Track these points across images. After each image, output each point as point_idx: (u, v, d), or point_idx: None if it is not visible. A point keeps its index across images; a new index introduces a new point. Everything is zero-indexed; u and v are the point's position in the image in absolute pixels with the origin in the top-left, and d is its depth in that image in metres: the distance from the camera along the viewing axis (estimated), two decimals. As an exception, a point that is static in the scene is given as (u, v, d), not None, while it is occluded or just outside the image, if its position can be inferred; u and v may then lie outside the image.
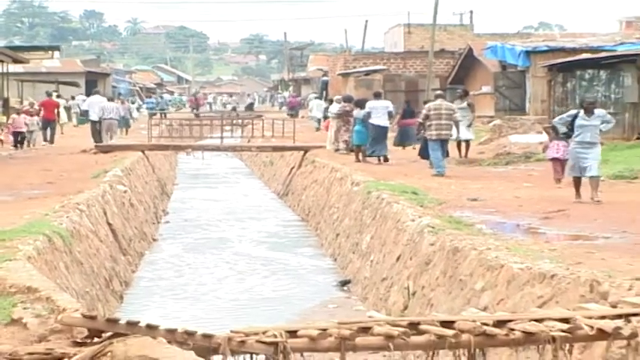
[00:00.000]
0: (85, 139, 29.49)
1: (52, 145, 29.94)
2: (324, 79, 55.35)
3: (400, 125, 26.02)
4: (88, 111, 31.07)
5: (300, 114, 50.67)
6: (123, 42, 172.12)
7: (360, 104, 22.91)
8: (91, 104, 30.68)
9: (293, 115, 48.56)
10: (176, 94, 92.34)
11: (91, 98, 31.72)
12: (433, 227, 11.68)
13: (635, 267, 8.35)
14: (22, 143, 28.44)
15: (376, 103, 22.30)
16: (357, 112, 22.56)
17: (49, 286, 7.82)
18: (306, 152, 26.03)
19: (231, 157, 39.61)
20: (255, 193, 28.83)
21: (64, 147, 28.10)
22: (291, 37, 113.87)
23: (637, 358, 6.39)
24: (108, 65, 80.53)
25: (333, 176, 20.67)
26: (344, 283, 15.11)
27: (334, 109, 26.21)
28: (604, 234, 10.94)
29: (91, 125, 30.00)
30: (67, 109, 41.55)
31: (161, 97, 67.81)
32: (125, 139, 32.37)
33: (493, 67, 37.42)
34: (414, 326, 6.33)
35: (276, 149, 29.02)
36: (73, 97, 45.05)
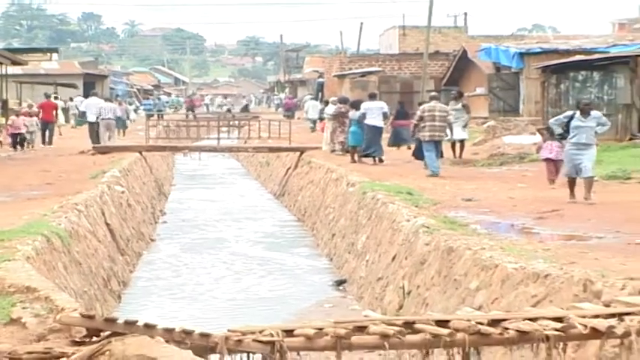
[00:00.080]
0: (83, 140, 29.49)
1: (50, 146, 29.96)
2: (320, 80, 55.33)
3: (394, 126, 26.08)
4: (85, 112, 31.14)
5: (296, 115, 50.66)
6: (120, 44, 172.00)
7: (355, 105, 22.93)
8: (88, 106, 30.76)
9: (289, 116, 48.53)
10: (173, 96, 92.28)
11: (89, 100, 31.77)
12: (428, 227, 11.72)
13: (628, 266, 8.39)
14: (21, 144, 28.44)
15: (371, 104, 22.32)
16: (353, 114, 22.59)
17: (47, 286, 7.86)
18: (302, 153, 26.06)
19: (227, 158, 39.71)
20: (251, 193, 28.87)
21: (63, 148, 28.11)
22: (287, 39, 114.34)
23: (630, 356, 6.40)
24: (106, 67, 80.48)
25: (329, 177, 20.72)
26: (340, 283, 15.18)
27: (330, 110, 26.23)
28: (597, 234, 10.97)
29: (88, 126, 30.04)
30: (65, 111, 41.52)
31: (158, 99, 67.74)
32: (123, 141, 32.43)
33: (487, 69, 37.41)
34: (409, 325, 6.37)
35: (272, 150, 29.06)
36: (71, 99, 45.02)
